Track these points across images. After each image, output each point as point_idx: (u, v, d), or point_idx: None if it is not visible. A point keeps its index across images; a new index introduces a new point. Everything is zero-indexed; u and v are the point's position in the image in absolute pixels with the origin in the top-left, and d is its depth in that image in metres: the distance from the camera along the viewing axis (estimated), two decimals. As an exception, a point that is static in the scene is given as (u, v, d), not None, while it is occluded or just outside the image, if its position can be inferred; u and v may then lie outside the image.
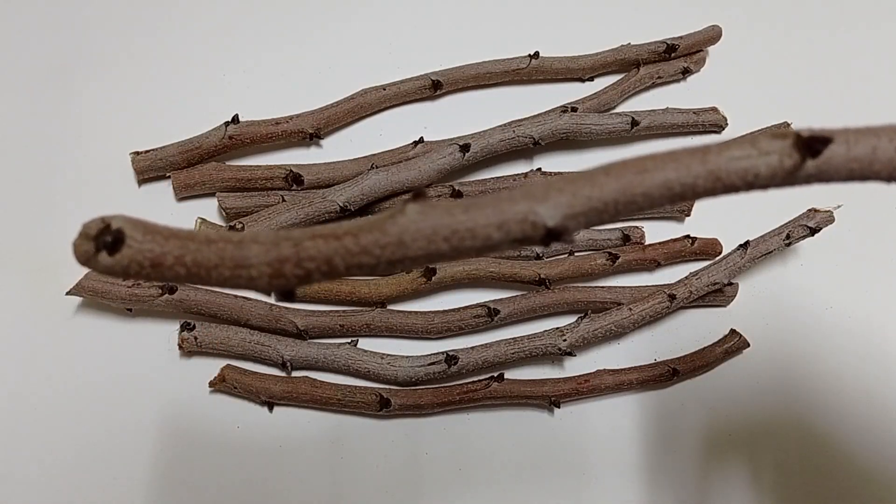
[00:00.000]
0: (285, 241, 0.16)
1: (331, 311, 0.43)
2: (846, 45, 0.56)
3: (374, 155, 0.47)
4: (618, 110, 0.51)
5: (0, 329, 0.43)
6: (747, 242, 0.45)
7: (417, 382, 0.42)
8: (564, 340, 0.42)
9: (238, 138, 0.45)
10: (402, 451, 0.42)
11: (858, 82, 0.54)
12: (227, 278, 0.16)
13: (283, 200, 0.44)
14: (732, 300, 0.46)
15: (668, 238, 0.47)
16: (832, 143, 0.17)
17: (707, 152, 0.17)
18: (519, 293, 0.45)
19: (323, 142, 0.49)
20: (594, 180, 0.17)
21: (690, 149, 0.17)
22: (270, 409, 0.42)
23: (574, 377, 0.43)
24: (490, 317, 0.43)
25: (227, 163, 0.47)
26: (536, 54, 0.50)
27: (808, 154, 0.17)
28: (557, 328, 0.43)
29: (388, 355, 0.42)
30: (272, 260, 0.16)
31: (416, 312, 0.44)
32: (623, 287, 0.45)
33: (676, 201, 0.17)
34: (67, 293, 0.41)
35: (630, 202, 0.17)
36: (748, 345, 0.45)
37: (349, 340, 0.43)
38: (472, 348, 0.42)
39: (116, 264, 0.16)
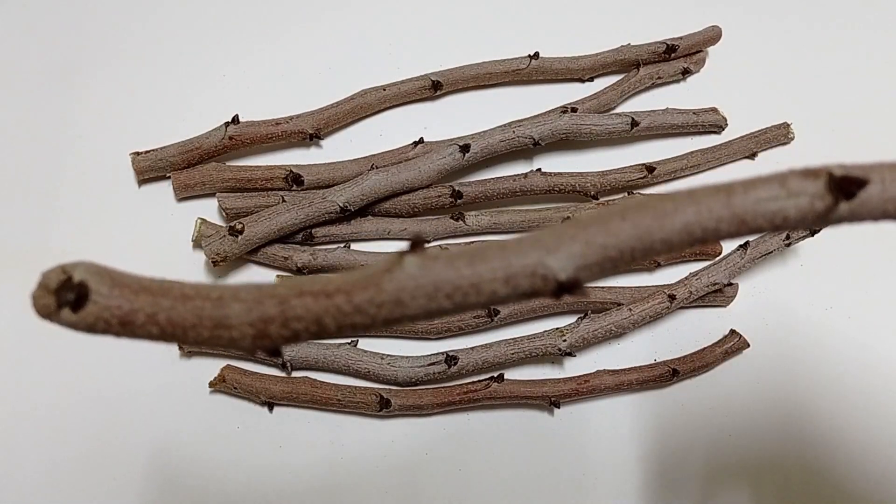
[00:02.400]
0: (269, 298, 0.15)
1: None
2: (846, 45, 0.56)
3: (374, 155, 0.47)
4: (618, 111, 0.51)
5: (0, 329, 0.43)
6: (747, 243, 0.45)
7: (417, 383, 0.42)
8: (564, 341, 0.42)
9: (238, 138, 0.45)
10: (402, 451, 0.42)
11: (858, 82, 0.54)
12: (207, 339, 0.15)
13: (283, 200, 0.44)
14: (732, 300, 0.46)
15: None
16: (869, 185, 0.15)
17: (731, 193, 0.16)
18: (519, 293, 0.45)
19: (323, 142, 0.49)
20: (609, 226, 0.15)
21: (713, 188, 0.16)
22: (270, 409, 0.42)
23: (574, 377, 0.43)
24: (490, 317, 0.43)
25: (227, 163, 0.47)
26: (536, 55, 0.50)
27: (841, 196, 0.15)
28: (557, 328, 0.43)
29: (388, 355, 0.42)
30: (255, 320, 0.15)
31: (416, 313, 0.44)
32: (623, 287, 0.45)
33: (697, 245, 0.16)
34: (67, 293, 0.41)
35: (648, 249, 0.16)
36: (748, 345, 0.45)
37: (349, 341, 0.43)
38: (472, 348, 0.42)
39: (80, 321, 0.15)
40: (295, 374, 0.42)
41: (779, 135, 0.51)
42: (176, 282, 0.15)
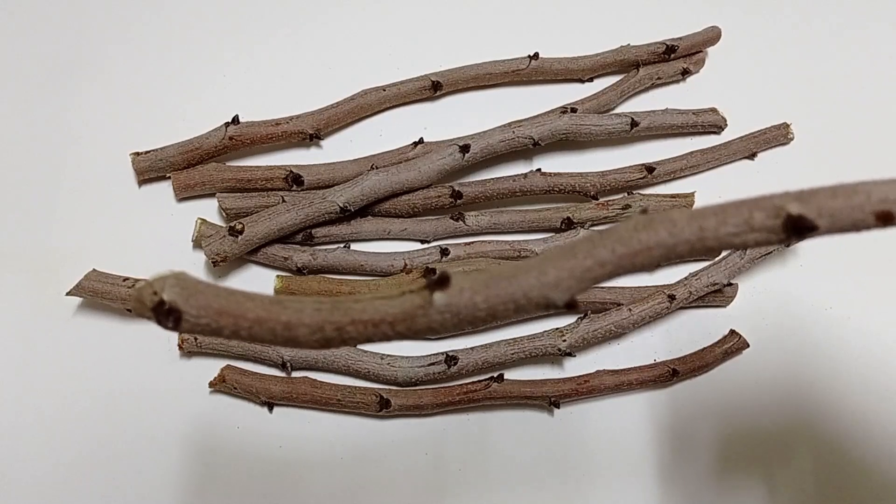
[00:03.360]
0: (329, 324, 0.18)
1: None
2: (846, 45, 0.56)
3: (374, 155, 0.47)
4: (617, 111, 0.51)
5: (0, 329, 0.43)
6: (747, 243, 0.45)
7: (417, 383, 0.42)
8: (564, 341, 0.42)
9: (238, 139, 0.46)
10: (402, 451, 0.42)
11: (858, 82, 0.54)
12: (279, 344, 0.19)
13: (283, 201, 0.44)
14: (732, 300, 0.46)
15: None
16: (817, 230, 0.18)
17: (703, 221, 0.19)
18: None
19: (323, 142, 0.49)
20: (599, 259, 0.19)
21: (688, 214, 0.19)
22: (270, 409, 0.42)
23: (574, 377, 0.43)
24: (490, 317, 0.43)
25: (227, 163, 0.47)
26: (536, 55, 0.50)
27: (793, 235, 0.18)
28: (557, 328, 0.43)
29: (388, 355, 0.42)
30: (318, 339, 0.19)
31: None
32: (623, 287, 0.45)
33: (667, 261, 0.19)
34: (67, 293, 0.41)
35: (628, 270, 0.19)
36: (748, 345, 0.45)
37: (349, 341, 0.43)
38: (472, 348, 0.42)
39: (179, 329, 0.18)
40: (295, 374, 0.42)
41: (778, 135, 0.51)
42: (248, 300, 0.18)
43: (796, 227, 0.18)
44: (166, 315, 0.17)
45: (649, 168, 0.48)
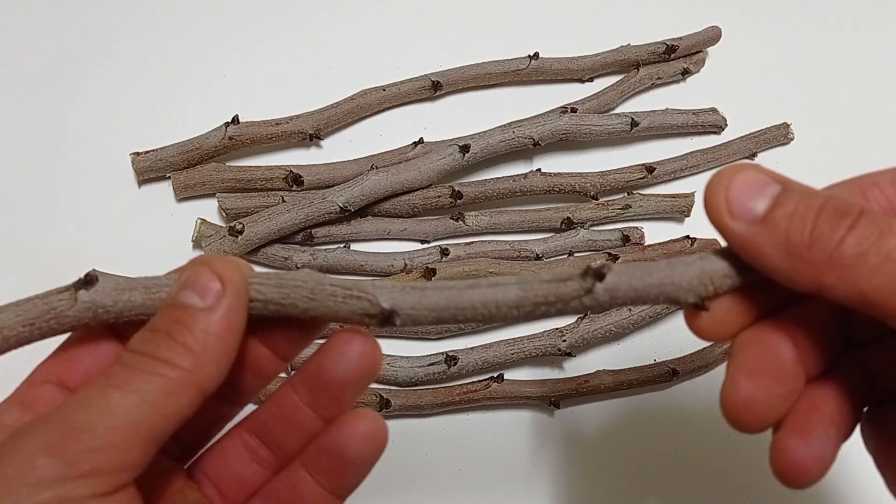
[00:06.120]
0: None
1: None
2: (846, 45, 0.56)
3: (374, 155, 0.47)
4: (617, 111, 0.51)
5: None
6: (747, 243, 0.45)
7: (417, 383, 0.42)
8: (564, 341, 0.42)
9: (238, 139, 0.46)
10: (402, 451, 0.42)
11: (858, 82, 0.54)
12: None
13: (283, 201, 0.44)
14: (732, 300, 0.46)
15: (668, 238, 0.47)
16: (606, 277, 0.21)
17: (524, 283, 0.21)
18: (519, 293, 0.45)
19: (323, 142, 0.49)
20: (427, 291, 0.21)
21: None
22: (270, 409, 0.42)
23: (574, 377, 0.43)
24: (490, 317, 0.43)
25: (227, 163, 0.47)
26: (536, 55, 0.50)
27: (598, 280, 0.20)
28: (557, 328, 0.43)
29: (388, 355, 0.42)
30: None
31: (416, 313, 0.44)
32: (623, 287, 0.45)
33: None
34: (67, 293, 0.41)
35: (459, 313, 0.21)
36: (748, 345, 0.45)
37: (349, 341, 0.43)
38: (472, 349, 0.42)
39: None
40: (295, 374, 0.42)
41: (779, 135, 0.51)
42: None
43: (596, 274, 0.20)
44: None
45: (649, 168, 0.48)
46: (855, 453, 0.25)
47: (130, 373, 0.19)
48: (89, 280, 0.21)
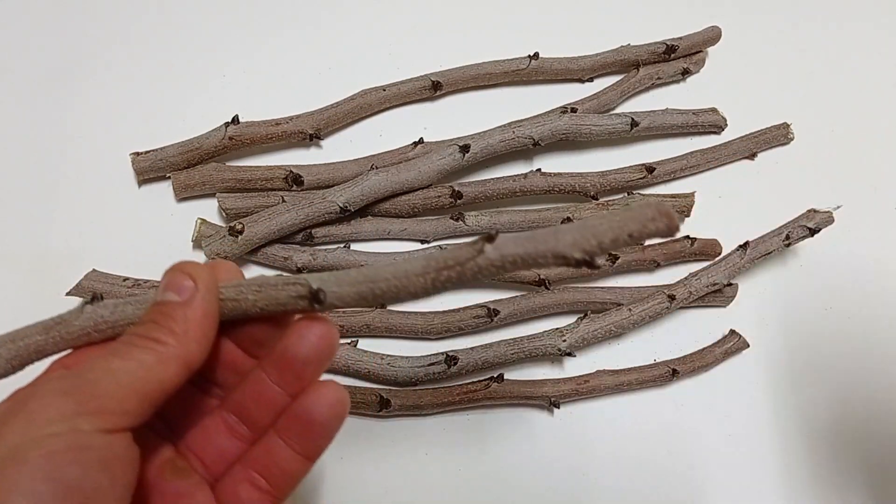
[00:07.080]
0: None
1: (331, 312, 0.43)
2: (845, 45, 0.56)
3: (374, 155, 0.47)
4: (617, 111, 0.51)
5: (0, 329, 0.43)
6: (747, 243, 0.45)
7: (417, 383, 0.42)
8: (564, 341, 0.42)
9: (238, 139, 0.46)
10: (402, 451, 0.42)
11: (858, 82, 0.54)
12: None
13: (283, 201, 0.44)
14: (732, 301, 0.46)
15: (668, 239, 0.47)
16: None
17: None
18: (519, 294, 0.45)
19: (323, 142, 0.49)
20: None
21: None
22: (270, 409, 0.42)
23: (574, 377, 0.43)
24: (490, 317, 0.43)
25: (227, 163, 0.47)
26: (536, 55, 0.50)
27: (486, 240, 0.23)
28: (557, 329, 0.43)
29: (388, 355, 0.42)
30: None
31: (415, 313, 0.44)
32: (623, 287, 0.45)
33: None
34: (67, 293, 0.41)
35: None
36: (748, 345, 0.45)
37: (349, 341, 0.43)
38: (472, 349, 0.42)
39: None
40: (295, 374, 0.42)
41: (778, 135, 0.51)
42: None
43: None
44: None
45: (649, 168, 0.48)
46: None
47: (128, 347, 0.23)
48: (94, 298, 0.26)
